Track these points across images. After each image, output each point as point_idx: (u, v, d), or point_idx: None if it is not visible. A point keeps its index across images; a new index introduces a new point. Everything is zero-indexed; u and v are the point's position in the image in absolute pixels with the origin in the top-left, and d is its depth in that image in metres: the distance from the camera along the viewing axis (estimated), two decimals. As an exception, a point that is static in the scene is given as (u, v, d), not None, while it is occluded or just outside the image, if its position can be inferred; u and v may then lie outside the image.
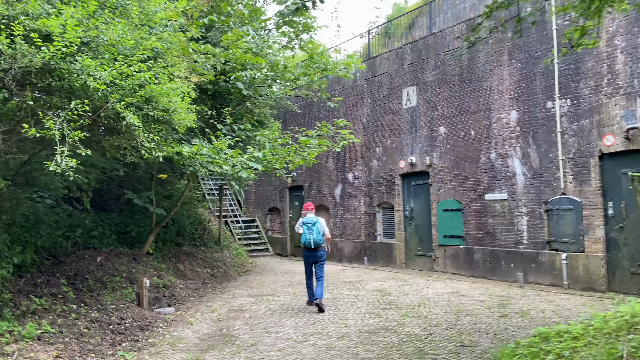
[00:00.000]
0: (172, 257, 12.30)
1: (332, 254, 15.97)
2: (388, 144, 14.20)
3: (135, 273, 9.74)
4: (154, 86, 5.37)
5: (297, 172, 17.76)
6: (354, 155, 15.37)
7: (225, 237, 17.36)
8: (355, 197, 15.28)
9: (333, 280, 11.95)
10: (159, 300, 9.30)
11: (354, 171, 15.36)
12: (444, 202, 12.50)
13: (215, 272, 12.69)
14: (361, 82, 15.21)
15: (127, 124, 5.17)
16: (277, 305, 8.96)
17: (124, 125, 5.26)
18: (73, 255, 9.55)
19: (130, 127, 5.27)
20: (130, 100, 5.24)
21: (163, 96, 5.54)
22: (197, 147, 8.02)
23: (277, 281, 12.00)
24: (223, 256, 14.91)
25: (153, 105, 5.54)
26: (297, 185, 17.89)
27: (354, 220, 15.32)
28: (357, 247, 15.17)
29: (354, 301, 9.18)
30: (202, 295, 10.22)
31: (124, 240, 11.53)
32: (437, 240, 12.63)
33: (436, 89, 12.81)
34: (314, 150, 11.53)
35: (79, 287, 8.25)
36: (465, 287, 10.46)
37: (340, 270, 13.77)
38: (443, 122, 12.61)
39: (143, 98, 5.41)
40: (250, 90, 10.37)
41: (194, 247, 14.30)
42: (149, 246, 11.39)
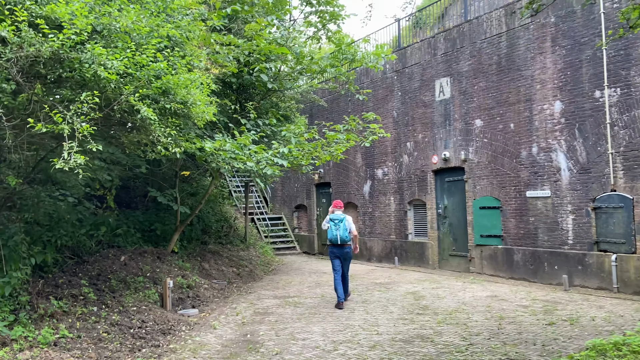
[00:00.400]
0: (198, 255, 12.03)
1: (361, 253, 15.46)
2: (420, 138, 13.56)
3: (159, 273, 9.47)
4: (171, 77, 4.98)
5: (324, 168, 17.29)
6: (384, 151, 14.78)
7: (252, 235, 17.06)
8: (385, 194, 14.70)
9: (363, 281, 11.44)
10: (182, 301, 9.00)
11: (384, 167, 14.78)
12: (480, 199, 11.81)
13: (241, 271, 12.36)
14: (391, 74, 14.59)
15: (141, 117, 4.80)
16: (304, 309, 8.52)
17: (139, 119, 4.90)
18: (97, 254, 9.34)
19: (146, 121, 4.90)
20: (145, 92, 4.86)
21: (180, 88, 5.14)
22: (219, 142, 7.64)
23: (304, 282, 11.58)
24: (249, 254, 14.59)
25: (170, 97, 5.15)
26: (324, 182, 17.42)
27: (383, 218, 14.76)
28: (387, 246, 14.61)
29: (386, 305, 8.66)
30: (226, 296, 9.89)
31: (148, 239, 11.32)
32: (473, 239, 11.95)
33: (472, 80, 12.10)
34: (341, 145, 11.05)
35: (101, 287, 8.01)
36: (504, 290, 9.78)
37: (369, 270, 13.25)
38: (479, 115, 11.89)
39: (159, 90, 5.03)
40: (275, 84, 9.94)
41: (219, 245, 14.02)
42: (173, 245, 11.13)
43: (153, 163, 10.02)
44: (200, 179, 14.41)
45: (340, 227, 8.51)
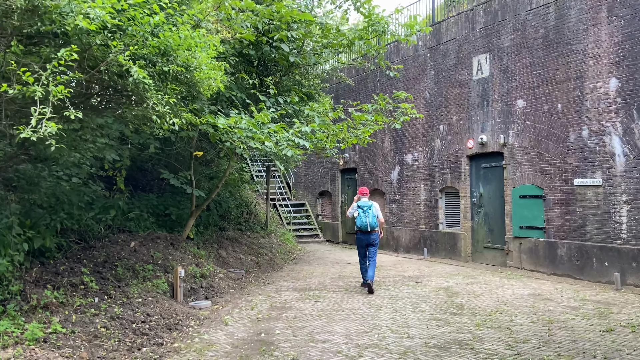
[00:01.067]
0: (215, 242, 11.39)
1: (387, 243, 14.60)
2: (454, 121, 12.52)
3: (172, 260, 8.84)
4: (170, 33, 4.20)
5: (350, 152, 16.41)
6: (414, 134, 13.79)
7: (273, 222, 16.39)
8: (415, 181, 13.75)
9: (389, 273, 10.60)
10: (195, 292, 8.35)
11: (414, 152, 13.81)
12: (520, 187, 10.76)
13: (260, 259, 11.68)
14: (423, 52, 13.53)
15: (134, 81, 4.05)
16: (326, 304, 7.76)
17: (131, 83, 4.15)
18: (105, 239, 8.76)
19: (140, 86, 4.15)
20: (138, 52, 4.11)
21: (182, 48, 4.37)
22: (234, 119, 6.87)
23: (327, 273, 10.81)
24: (269, 242, 13.92)
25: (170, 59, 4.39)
26: (350, 167, 16.55)
27: (412, 206, 13.83)
28: (415, 236, 13.70)
29: (416, 302, 7.81)
30: (243, 287, 9.20)
31: (163, 224, 10.72)
32: (512, 231, 10.94)
33: (514, 56, 10.98)
34: (369, 127, 10.18)
35: (106, 275, 7.40)
36: (548, 288, 8.80)
37: (397, 262, 12.38)
38: (522, 94, 10.79)
39: (156, 50, 4.27)
40: (298, 57, 9.08)
41: (238, 231, 13.38)
42: (189, 230, 10.50)
43: (165, 142, 9.35)
44: (220, 161, 13.76)
45: (369, 214, 8.58)
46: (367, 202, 8.77)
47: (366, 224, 8.59)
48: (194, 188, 10.00)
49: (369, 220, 8.58)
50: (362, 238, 8.75)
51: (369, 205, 8.72)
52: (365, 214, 8.62)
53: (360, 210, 8.71)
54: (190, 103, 6.01)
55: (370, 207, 8.68)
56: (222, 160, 14.65)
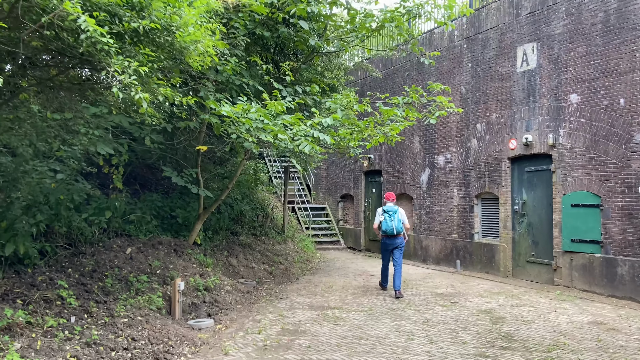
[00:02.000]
0: (224, 249, 10.33)
1: (415, 253, 13.32)
2: (494, 118, 11.18)
3: (172, 270, 7.79)
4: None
5: (375, 153, 15.18)
6: (447, 134, 12.49)
7: (291, 226, 15.27)
8: (447, 185, 12.44)
9: (419, 289, 9.33)
10: (196, 308, 7.27)
11: (446, 153, 12.50)
12: (573, 194, 9.37)
13: (275, 269, 10.55)
14: (459, 42, 12.23)
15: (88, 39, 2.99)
16: (347, 329, 6.56)
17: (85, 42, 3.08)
18: (99, 244, 7.77)
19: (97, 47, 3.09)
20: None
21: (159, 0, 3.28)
22: (241, 106, 5.75)
23: (348, 286, 9.60)
24: (286, 249, 12.79)
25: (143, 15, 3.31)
26: (375, 169, 15.31)
27: (443, 213, 12.52)
28: (446, 246, 12.38)
29: (455, 329, 6.55)
30: (252, 302, 8.08)
31: (168, 227, 9.72)
32: (561, 244, 9.55)
33: (567, 44, 9.61)
34: (398, 124, 8.98)
35: (92, 288, 6.37)
36: (610, 314, 7.43)
37: (426, 275, 11.09)
38: (576, 88, 9.41)
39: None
40: (320, 41, 7.94)
41: (252, 237, 12.29)
42: (196, 235, 9.47)
43: (167, 136, 8.31)
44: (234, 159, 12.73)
45: (394, 219, 8.75)
46: (393, 207, 8.92)
47: (392, 228, 8.70)
48: (200, 187, 8.94)
49: (395, 224, 8.71)
50: (388, 242, 8.86)
51: (395, 209, 8.87)
52: (391, 218, 8.76)
53: (386, 214, 8.83)
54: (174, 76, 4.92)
55: (395, 212, 8.84)
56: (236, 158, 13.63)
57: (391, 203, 9.02)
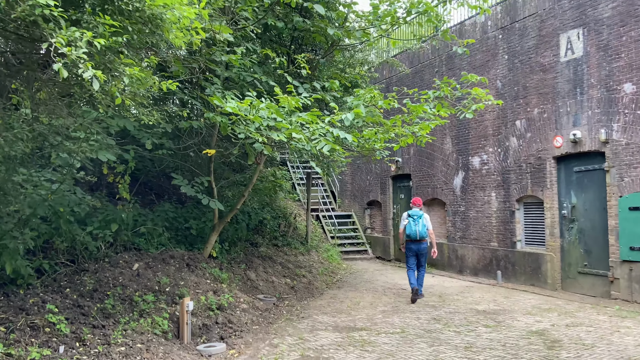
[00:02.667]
0: (243, 261, 9.60)
1: (450, 263, 12.32)
2: (535, 114, 10.15)
3: (183, 287, 7.09)
4: None
5: (403, 156, 14.26)
6: (482, 133, 11.49)
7: (315, 236, 14.48)
8: (484, 189, 11.42)
9: (458, 305, 8.36)
10: (207, 330, 6.52)
11: (482, 154, 11.50)
12: (631, 196, 8.26)
13: (297, 283, 9.76)
14: (493, 33, 11.25)
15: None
16: (376, 356, 5.69)
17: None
18: (104, 260, 7.14)
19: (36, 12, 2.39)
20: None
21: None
22: (249, 101, 5.01)
23: (377, 303, 8.71)
24: (310, 260, 11.99)
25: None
26: (403, 173, 14.38)
27: (481, 219, 11.49)
28: (485, 255, 11.34)
29: (504, 357, 5.59)
30: (270, 322, 7.29)
31: (182, 240, 9.06)
32: (618, 253, 8.43)
33: (617, 29, 8.55)
34: (428, 122, 8.11)
35: (89, 311, 5.71)
36: (688, 337, 6.32)
37: (464, 288, 10.08)
38: (630, 77, 8.33)
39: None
40: (341, 31, 7.15)
41: (274, 247, 11.55)
42: (211, 248, 8.77)
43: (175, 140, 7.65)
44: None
45: (419, 223, 8.74)
46: (418, 212, 8.92)
47: (416, 232, 8.71)
48: (215, 197, 8.24)
49: (419, 229, 8.70)
50: (412, 247, 8.86)
51: (420, 214, 8.89)
52: (416, 222, 8.76)
53: (410, 219, 8.85)
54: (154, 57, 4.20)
55: (420, 217, 8.84)
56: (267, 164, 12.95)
57: (417, 208, 9.05)
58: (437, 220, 13.09)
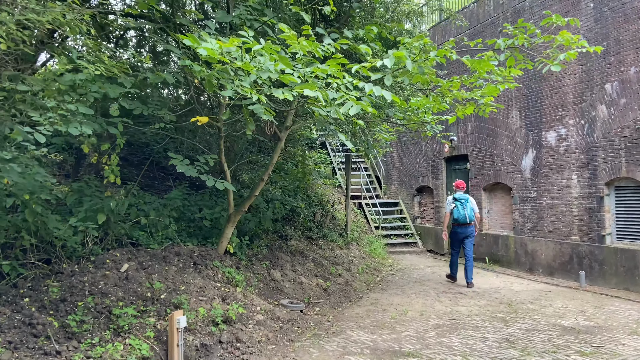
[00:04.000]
0: (267, 258, 8.12)
1: (517, 260, 10.33)
2: (631, 74, 7.96)
3: (183, 293, 5.68)
4: None
5: (459, 134, 12.28)
6: (559, 101, 9.36)
7: (357, 226, 12.85)
8: (561, 171, 9.33)
9: (536, 319, 6.48)
10: (208, 352, 5.08)
11: (559, 127, 9.38)
12: None
13: (331, 284, 8.18)
14: (574, -24, 9.05)
15: None
16: (429, 403, 4.01)
17: None
18: (88, 259, 5.84)
19: None
20: None
21: None
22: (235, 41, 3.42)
23: (430, 313, 6.97)
24: (349, 255, 10.38)
25: None
26: (459, 154, 12.41)
27: (557, 207, 9.42)
28: (563, 252, 9.28)
29: (622, 415, 3.76)
30: (292, 340, 5.76)
31: (195, 232, 7.70)
32: None
33: None
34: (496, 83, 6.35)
35: (43, 330, 4.36)
36: None
37: (539, 293, 8.12)
38: None
39: None
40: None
41: (307, 240, 10.02)
42: (227, 242, 7.33)
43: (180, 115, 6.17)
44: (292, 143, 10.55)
45: (467, 207, 8.56)
46: (464, 195, 8.69)
47: (465, 216, 8.54)
48: (228, 178, 6.75)
49: (467, 212, 8.53)
50: (460, 231, 8.71)
51: (466, 197, 8.66)
52: (464, 206, 8.56)
53: (457, 202, 8.62)
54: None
55: (467, 200, 8.62)
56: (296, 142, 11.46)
57: (461, 191, 8.79)
58: (501, 209, 11.08)
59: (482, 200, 11.46)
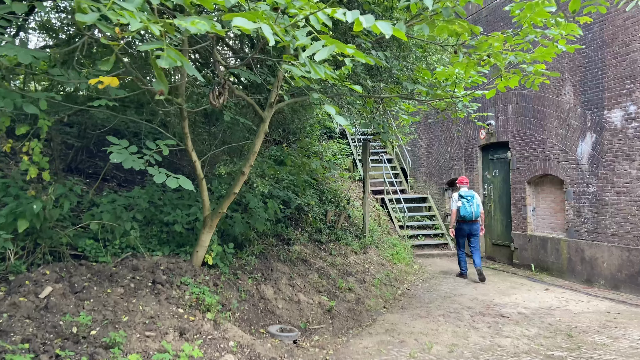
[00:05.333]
0: (257, 269, 6.59)
1: (572, 269, 8.47)
2: None
3: (122, 328, 4.20)
4: None
5: (497, 117, 10.42)
6: (626, 72, 7.41)
7: (380, 225, 11.22)
8: (630, 159, 7.41)
9: (606, 359, 4.70)
10: (141, 417, 3.56)
11: (627, 104, 7.45)
12: None
13: (337, 302, 6.58)
14: None
15: None
16: None
17: None
18: (4, 279, 4.45)
19: None
20: None
21: None
22: None
23: (462, 350, 5.27)
24: (365, 261, 8.75)
25: None
26: (497, 141, 10.54)
27: (624, 205, 7.51)
28: (632, 260, 7.37)
29: None
30: (268, 392, 4.19)
31: (167, 239, 6.24)
32: None
33: None
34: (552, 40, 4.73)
35: None
36: None
37: (605, 317, 6.27)
38: None
39: None
40: None
41: (315, 245, 8.46)
42: (204, 252, 5.86)
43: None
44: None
45: (473, 204, 8.53)
46: (470, 192, 8.63)
47: (471, 213, 8.47)
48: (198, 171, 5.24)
49: (474, 209, 8.49)
50: (465, 228, 8.62)
51: (472, 194, 8.60)
52: (470, 203, 8.52)
53: (464, 199, 8.54)
54: None
55: (473, 197, 8.58)
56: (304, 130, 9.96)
57: (465, 187, 8.72)
58: (550, 206, 9.20)
59: (525, 196, 9.59)
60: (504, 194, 10.40)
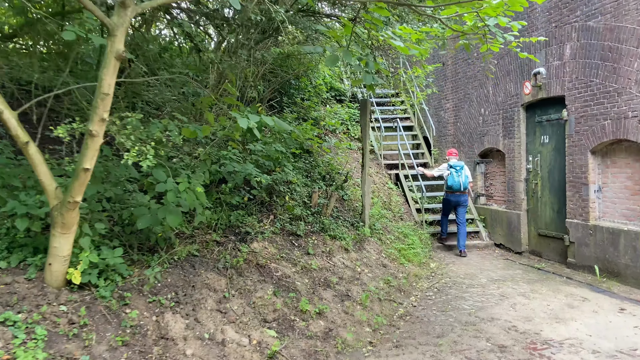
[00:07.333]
0: (171, 287, 4.29)
1: (612, 270, 5.74)
2: None
3: None
4: None
5: (549, 62, 7.62)
6: None
7: (390, 208, 8.78)
8: None
9: None
10: None
11: None
12: None
13: (292, 339, 4.22)
14: None
15: None
16: None
17: None
18: None
19: None
20: None
21: None
22: None
23: None
24: (358, 262, 6.36)
25: None
26: (548, 97, 7.74)
27: None
28: None
29: None
30: None
31: (24, 241, 4.01)
32: None
33: None
34: None
35: None
36: None
37: None
38: None
39: None
40: None
41: (288, 239, 6.09)
42: (63, 264, 3.66)
43: None
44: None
45: (461, 175, 8.45)
46: (459, 163, 8.53)
47: (459, 184, 8.41)
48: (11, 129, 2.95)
49: (462, 180, 8.42)
50: (452, 200, 8.55)
51: (461, 165, 8.52)
52: (458, 173, 8.43)
53: (452, 169, 8.47)
54: None
55: (462, 168, 8.49)
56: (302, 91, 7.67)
57: (455, 159, 8.64)
58: (625, 186, 6.47)
59: (587, 171, 6.88)
60: (556, 168, 7.70)
